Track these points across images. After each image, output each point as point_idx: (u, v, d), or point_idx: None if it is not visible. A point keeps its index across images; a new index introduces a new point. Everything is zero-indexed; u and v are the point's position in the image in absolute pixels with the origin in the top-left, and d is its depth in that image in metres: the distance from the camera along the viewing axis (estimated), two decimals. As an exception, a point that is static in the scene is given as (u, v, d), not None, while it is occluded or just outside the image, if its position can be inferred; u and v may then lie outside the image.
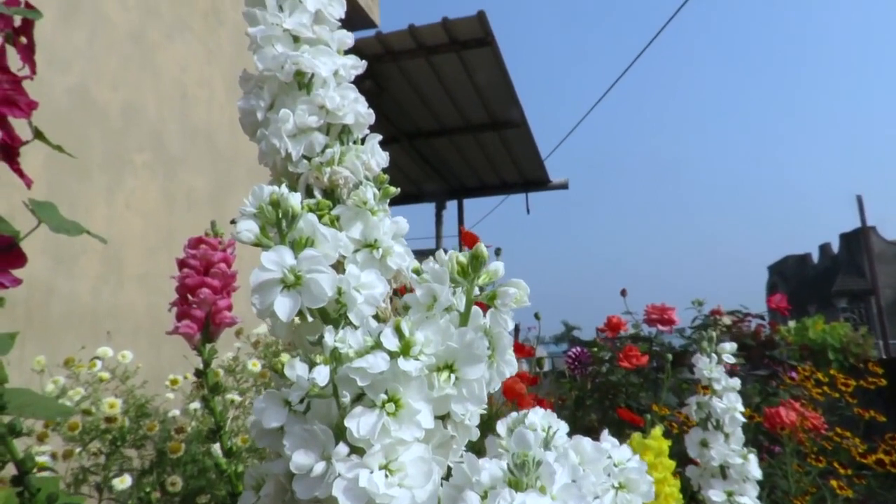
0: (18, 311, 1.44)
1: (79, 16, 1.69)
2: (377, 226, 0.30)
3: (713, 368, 0.63)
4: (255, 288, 0.26)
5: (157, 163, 1.95)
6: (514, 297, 0.28)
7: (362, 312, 0.27)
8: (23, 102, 0.77)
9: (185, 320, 0.54)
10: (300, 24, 0.35)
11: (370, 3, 3.41)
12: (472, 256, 0.27)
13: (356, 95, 0.36)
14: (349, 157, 0.34)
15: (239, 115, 0.36)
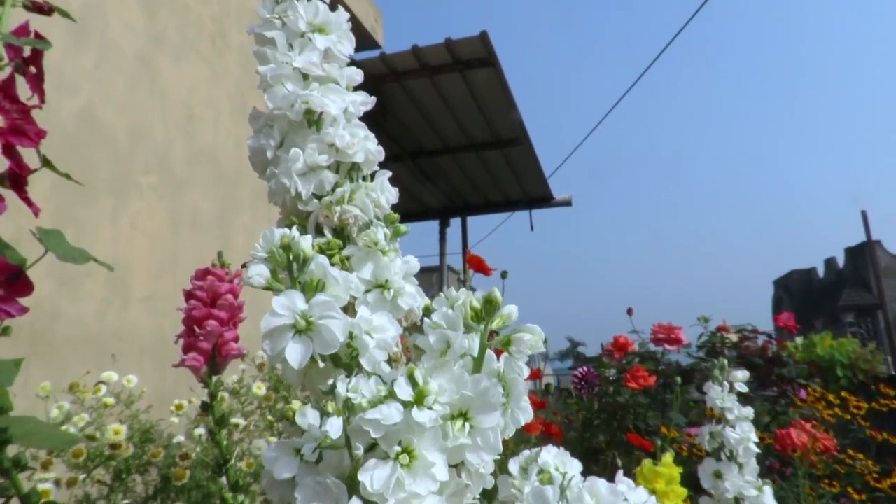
0: (23, 335, 1.44)
1: (87, 40, 1.71)
2: (388, 266, 0.30)
3: (725, 397, 0.62)
4: (266, 334, 0.25)
5: (162, 184, 1.96)
6: (529, 344, 0.27)
7: (374, 357, 0.26)
8: (31, 132, 0.77)
9: (191, 353, 0.53)
10: (310, 62, 0.35)
11: (374, 25, 3.45)
12: (485, 301, 0.27)
13: (366, 133, 0.36)
14: (359, 195, 0.33)
15: (249, 153, 0.36)
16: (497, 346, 0.28)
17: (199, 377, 0.55)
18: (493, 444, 0.25)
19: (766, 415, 2.03)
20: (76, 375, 1.32)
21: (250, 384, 1.44)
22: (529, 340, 0.27)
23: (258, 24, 0.37)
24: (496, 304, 0.27)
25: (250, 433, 1.39)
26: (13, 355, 0.92)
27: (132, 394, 1.23)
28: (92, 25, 1.73)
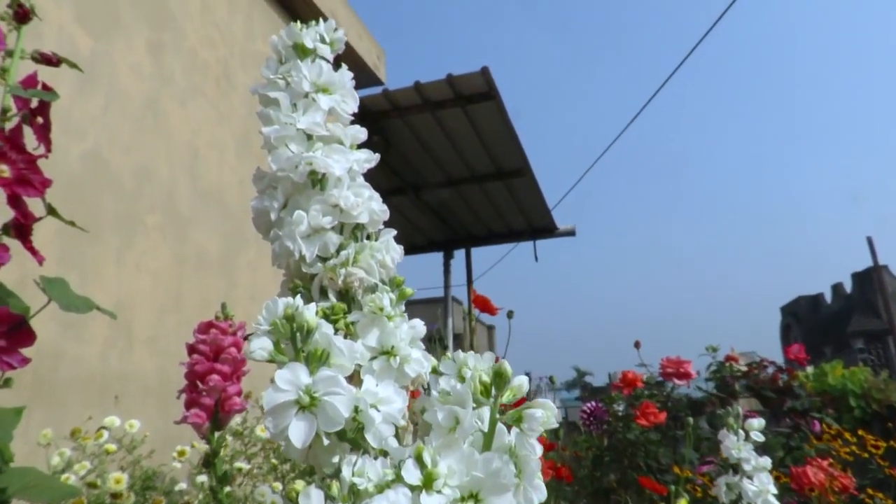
0: (26, 378, 1.43)
1: (95, 85, 1.74)
2: (394, 332, 0.30)
3: (741, 447, 0.61)
4: (269, 411, 0.25)
5: (167, 223, 1.97)
6: (541, 420, 0.26)
7: (380, 433, 0.25)
8: (37, 181, 0.78)
9: (193, 409, 0.52)
10: (314, 123, 0.35)
11: (377, 63, 3.50)
12: (495, 375, 0.26)
13: (370, 193, 0.35)
14: (364, 257, 0.33)
15: (252, 214, 0.35)
16: (508, 421, 0.27)
17: (201, 434, 0.54)
18: (506, 527, 0.24)
19: (780, 449, 1.98)
20: (78, 419, 1.31)
21: (253, 426, 1.42)
22: (542, 417, 0.26)
23: (262, 85, 0.37)
24: (506, 377, 0.26)
25: (253, 477, 1.37)
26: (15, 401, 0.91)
27: (134, 439, 1.22)
28: (100, 71, 1.76)
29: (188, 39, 2.17)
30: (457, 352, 0.31)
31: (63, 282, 0.83)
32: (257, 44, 2.62)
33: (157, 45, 2.01)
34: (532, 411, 0.26)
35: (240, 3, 2.51)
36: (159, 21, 2.03)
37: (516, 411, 0.27)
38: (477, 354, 0.30)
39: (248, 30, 2.56)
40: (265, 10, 2.70)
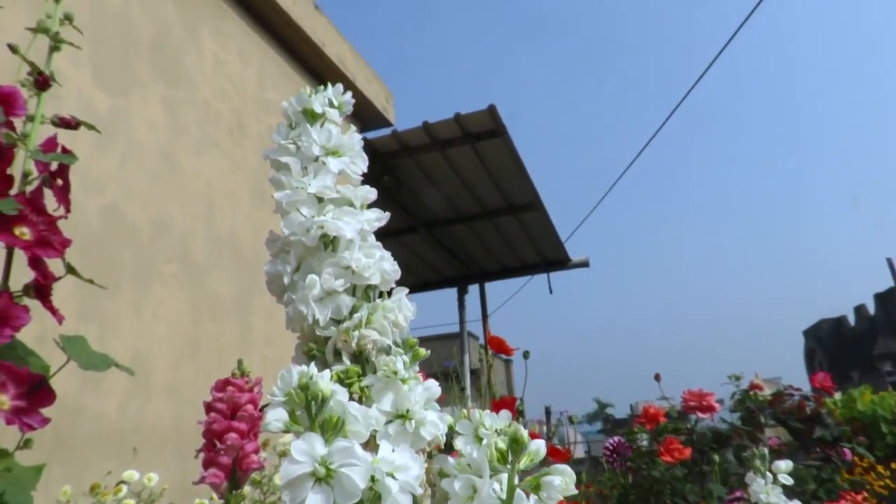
0: (46, 434, 1.43)
1: (112, 142, 1.79)
2: (408, 396, 0.30)
3: (770, 491, 0.59)
4: (286, 484, 0.25)
5: (184, 272, 1.99)
6: (560, 489, 0.26)
7: (398, 503, 0.25)
8: (57, 242, 0.79)
9: (211, 468, 0.52)
10: (324, 186, 0.35)
11: (385, 105, 3.57)
12: (511, 441, 0.26)
13: (381, 253, 0.36)
14: (377, 318, 0.33)
15: (266, 278, 0.36)
16: (526, 488, 0.27)
17: (219, 493, 0.53)
18: None
19: (812, 481, 1.92)
20: (98, 473, 1.30)
21: (272, 474, 1.41)
22: (560, 485, 0.26)
23: (273, 150, 0.38)
24: (522, 443, 0.26)
25: (273, 528, 1.34)
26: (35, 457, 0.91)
27: (153, 492, 1.21)
28: (117, 127, 1.81)
29: (201, 92, 2.23)
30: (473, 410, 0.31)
31: (82, 339, 0.84)
32: (268, 93, 2.69)
33: (172, 100, 2.07)
34: (550, 479, 0.26)
35: (251, 56, 2.58)
36: (173, 77, 2.10)
37: (534, 478, 0.27)
38: (493, 414, 0.30)
39: (259, 80, 2.63)
40: (276, 61, 2.78)
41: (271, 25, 2.72)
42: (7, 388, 0.72)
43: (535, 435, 0.94)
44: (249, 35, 2.59)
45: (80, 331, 1.03)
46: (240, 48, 2.51)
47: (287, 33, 2.79)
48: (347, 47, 3.25)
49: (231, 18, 2.48)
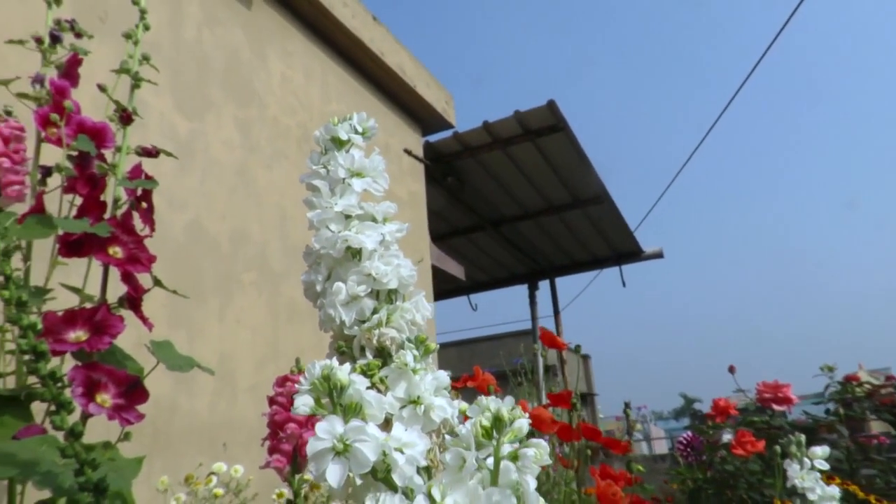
0: (146, 431, 1.59)
1: (193, 162, 1.94)
2: (418, 384, 0.34)
3: (805, 476, 0.59)
4: (311, 457, 0.30)
5: (262, 281, 2.13)
6: (533, 458, 0.30)
7: (405, 473, 0.30)
8: (144, 258, 0.90)
9: (275, 454, 0.59)
10: (349, 205, 0.41)
11: (446, 108, 3.63)
12: (494, 419, 0.30)
13: (399, 261, 0.41)
14: (395, 318, 0.38)
15: (303, 287, 0.42)
16: (509, 460, 0.30)
17: (282, 477, 0.60)
18: (508, 553, 0.28)
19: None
20: (192, 465, 1.43)
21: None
22: (533, 455, 0.30)
23: (307, 174, 0.44)
24: (503, 421, 0.30)
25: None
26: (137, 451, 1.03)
27: (239, 483, 1.32)
28: (196, 147, 1.97)
29: (270, 110, 2.37)
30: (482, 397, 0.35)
31: (169, 344, 0.94)
32: (332, 105, 2.81)
33: (244, 119, 2.22)
34: (526, 450, 0.30)
35: (314, 71, 2.71)
36: (244, 97, 2.24)
37: (514, 451, 0.31)
38: (497, 399, 0.34)
39: (323, 93, 2.76)
40: (338, 73, 2.90)
41: (332, 40, 2.84)
42: (108, 388, 0.82)
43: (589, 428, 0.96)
44: (312, 51, 2.73)
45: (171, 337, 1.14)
46: (304, 65, 2.64)
47: (347, 46, 2.90)
48: (406, 54, 3.34)
49: (295, 37, 2.62)
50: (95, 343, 0.80)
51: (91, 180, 0.89)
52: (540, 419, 0.97)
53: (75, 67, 1.09)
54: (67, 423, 0.60)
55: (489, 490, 0.29)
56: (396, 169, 3.28)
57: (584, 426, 1.02)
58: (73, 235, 0.84)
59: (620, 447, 1.10)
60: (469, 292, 5.87)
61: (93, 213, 0.88)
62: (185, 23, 2.04)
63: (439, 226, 4.62)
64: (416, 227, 3.34)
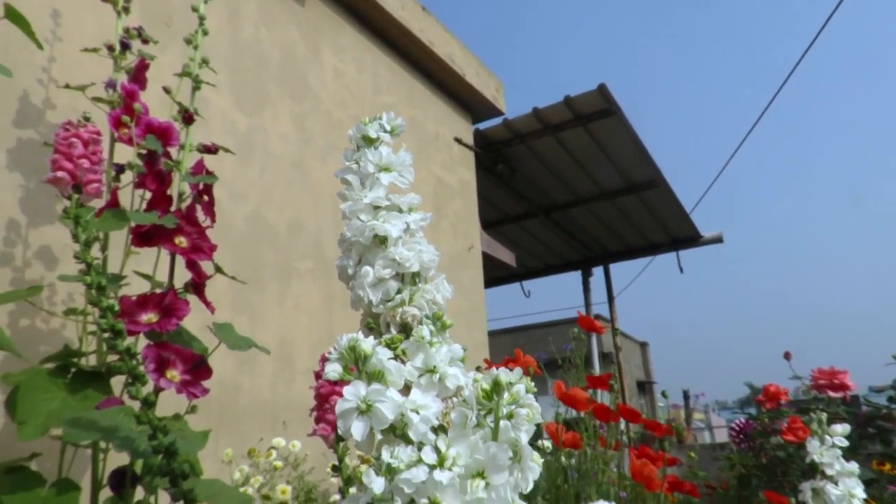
0: (213, 408, 1.71)
1: (252, 156, 2.04)
2: (434, 355, 0.39)
3: (824, 452, 0.60)
4: (339, 415, 0.35)
5: (317, 268, 2.23)
6: (525, 416, 0.34)
7: (419, 430, 0.34)
8: (206, 248, 0.98)
9: (321, 423, 0.65)
10: (377, 197, 0.45)
11: (496, 95, 3.64)
12: (493, 384, 0.34)
13: (421, 247, 0.45)
14: (417, 298, 0.43)
15: (337, 271, 0.47)
16: (506, 419, 0.34)
17: (328, 444, 0.66)
18: (503, 497, 0.32)
19: None
20: (255, 441, 1.53)
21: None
22: (525, 414, 0.34)
23: (341, 170, 0.49)
24: (501, 385, 0.34)
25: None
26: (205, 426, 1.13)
27: (297, 457, 1.41)
28: (255, 142, 2.07)
29: (324, 104, 2.46)
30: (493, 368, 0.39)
31: (230, 326, 1.02)
32: (383, 96, 2.88)
33: (299, 113, 2.31)
34: (519, 410, 0.34)
35: (366, 64, 2.78)
36: (299, 92, 2.33)
37: (510, 411, 0.34)
38: (507, 370, 0.38)
39: (374, 85, 2.82)
40: (389, 65, 2.96)
41: (382, 32, 2.90)
42: (177, 365, 0.91)
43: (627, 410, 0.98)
44: (363, 44, 2.79)
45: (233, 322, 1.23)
46: (355, 58, 2.71)
47: (397, 37, 2.96)
48: (456, 44, 3.36)
49: (346, 31, 2.69)
50: (165, 324, 0.88)
51: (159, 176, 0.98)
52: (575, 399, 1.00)
53: (143, 72, 1.18)
54: (142, 394, 0.68)
55: (488, 444, 0.33)
56: (447, 157, 3.33)
57: (623, 407, 1.04)
58: (144, 227, 0.93)
59: (661, 430, 1.12)
60: (522, 279, 5.88)
61: (160, 206, 0.96)
62: (242, 22, 2.14)
63: (491, 213, 4.65)
64: (466, 215, 3.38)
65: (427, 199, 3.08)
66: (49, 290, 1.37)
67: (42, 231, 1.39)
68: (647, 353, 11.25)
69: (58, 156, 0.92)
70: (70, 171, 0.90)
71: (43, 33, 1.42)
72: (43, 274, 1.37)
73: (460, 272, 3.22)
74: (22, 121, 1.39)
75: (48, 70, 1.46)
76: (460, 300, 3.16)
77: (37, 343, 1.29)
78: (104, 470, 1.02)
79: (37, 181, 1.38)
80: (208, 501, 0.87)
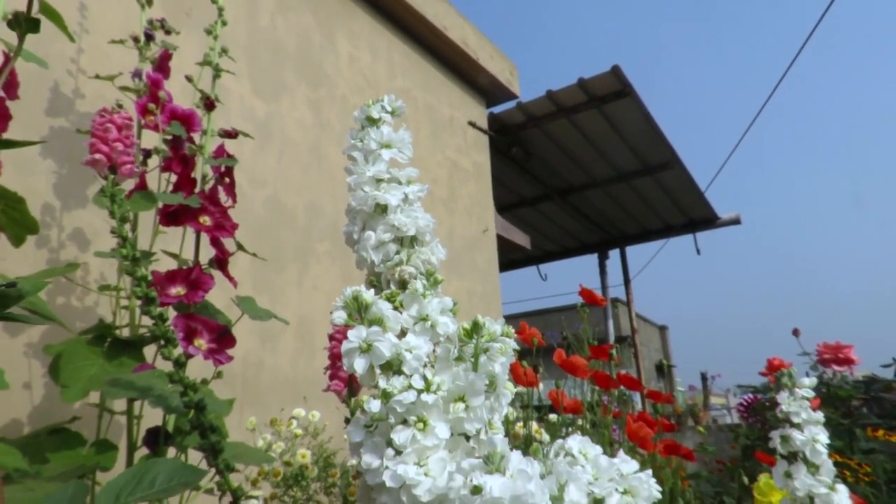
0: (237, 383, 1.79)
1: (270, 141, 2.11)
2: (426, 305, 0.44)
3: (792, 402, 0.65)
4: (344, 353, 0.41)
5: (334, 249, 2.30)
6: (497, 350, 0.40)
7: (412, 365, 0.40)
8: (229, 226, 1.05)
9: (334, 380, 0.72)
10: (379, 171, 0.51)
11: (510, 78, 3.67)
12: (473, 324, 0.40)
13: (418, 214, 0.51)
14: (413, 258, 0.48)
15: (344, 237, 0.53)
16: (483, 353, 0.40)
17: (341, 399, 0.73)
18: (480, 416, 0.38)
19: None
20: (275, 413, 1.62)
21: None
22: (498, 347, 0.40)
23: (347, 147, 0.55)
24: (479, 326, 0.40)
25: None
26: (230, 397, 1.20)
27: (316, 427, 1.49)
28: (273, 128, 2.14)
29: (339, 89, 2.51)
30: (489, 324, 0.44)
31: (251, 299, 1.10)
32: (397, 81, 2.92)
33: (316, 100, 2.37)
34: (492, 344, 0.40)
35: (380, 49, 2.83)
36: (316, 79, 2.40)
37: (486, 345, 0.40)
38: (491, 318, 0.44)
39: (389, 71, 2.87)
40: (403, 50, 3.01)
41: (395, 17, 2.94)
42: (203, 335, 0.98)
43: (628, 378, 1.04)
44: (377, 29, 2.84)
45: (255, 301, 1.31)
46: (370, 44, 2.76)
47: (411, 22, 2.99)
48: (470, 28, 3.39)
49: (360, 18, 2.74)
50: (192, 296, 0.95)
51: (183, 160, 1.05)
52: (574, 365, 1.05)
53: (167, 61, 1.25)
54: (174, 355, 0.76)
55: (468, 373, 0.39)
56: (461, 141, 3.37)
57: (623, 376, 1.09)
58: (171, 207, 1.00)
59: (662, 398, 1.17)
60: (539, 262, 5.92)
61: (185, 188, 1.03)
62: (259, 12, 2.20)
63: (506, 196, 4.68)
64: (481, 198, 3.43)
65: (442, 183, 3.13)
66: (83, 270, 1.46)
67: (75, 214, 1.47)
68: (666, 337, 11.23)
69: (95, 140, 0.99)
70: (106, 154, 0.97)
71: (71, 26, 1.49)
72: (76, 255, 1.45)
73: (475, 255, 3.28)
74: (54, 110, 1.47)
75: (76, 61, 1.54)
76: (475, 282, 3.22)
77: (73, 319, 1.38)
78: (138, 433, 1.11)
79: (69, 167, 1.46)
80: (234, 459, 0.95)
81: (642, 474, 0.40)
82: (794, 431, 0.64)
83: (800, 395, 0.65)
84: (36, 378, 1.35)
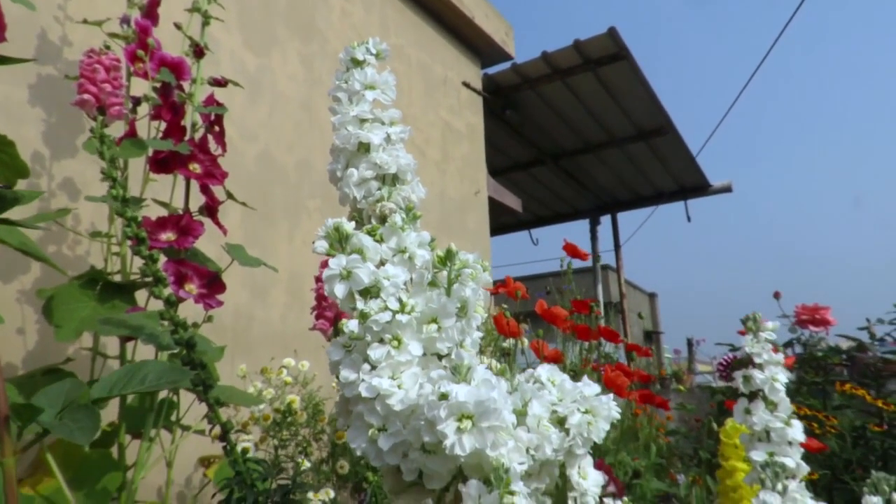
0: (228, 335, 1.83)
1: (261, 96, 2.10)
2: (404, 238, 0.46)
3: (754, 344, 0.68)
4: (325, 279, 0.43)
5: (325, 206, 2.31)
6: (469, 275, 0.42)
7: (389, 291, 0.43)
8: (218, 174, 1.06)
9: (320, 319, 0.74)
10: (362, 111, 0.53)
11: (505, 39, 3.62)
12: (446, 252, 0.42)
13: (398, 153, 0.52)
14: (394, 195, 0.50)
15: (328, 175, 0.55)
16: (455, 279, 0.43)
17: (326, 337, 0.75)
18: (451, 336, 0.40)
19: None
20: (266, 363, 1.66)
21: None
22: (469, 273, 0.42)
23: (333, 88, 0.56)
24: (453, 254, 0.42)
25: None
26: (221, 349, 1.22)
27: (306, 376, 1.53)
28: (264, 82, 2.12)
29: (331, 44, 2.49)
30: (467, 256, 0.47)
31: (241, 247, 1.12)
32: (391, 38, 2.89)
33: (307, 54, 2.35)
34: (465, 270, 0.42)
35: (373, 5, 2.79)
36: (307, 33, 2.37)
37: (458, 272, 0.43)
38: (466, 252, 0.46)
39: (382, 27, 2.83)
40: (397, 6, 2.96)
41: (390, -27, 2.88)
42: (194, 280, 1.00)
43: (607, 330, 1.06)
44: (371, -15, 2.79)
45: (244, 249, 1.33)
46: (363, -1, 2.72)
47: (405, -21, 2.94)
48: (465, -15, 3.33)
49: (354, -28, 2.69)
50: (182, 242, 0.97)
51: (173, 108, 1.05)
52: (554, 315, 1.09)
53: (155, 8, 1.24)
54: (164, 294, 0.78)
55: (441, 296, 0.41)
56: (455, 102, 3.35)
57: (603, 328, 1.13)
58: (161, 154, 1.01)
59: (642, 351, 1.21)
60: (531, 227, 5.94)
61: (175, 135, 1.04)
62: (249, -38, 2.15)
63: (499, 160, 4.68)
64: (473, 159, 3.43)
65: (434, 143, 3.13)
66: (74, 219, 1.47)
67: (65, 164, 1.47)
68: (655, 304, 11.36)
69: (83, 80, 0.99)
70: (95, 94, 0.97)
71: (58, -29, 1.47)
72: (67, 204, 1.46)
73: (466, 216, 3.30)
74: (41, 56, 1.45)
75: (64, 8, 1.52)
76: (465, 244, 3.25)
77: (65, 268, 1.40)
78: (131, 376, 1.14)
79: (58, 115, 1.46)
80: (225, 399, 0.98)
81: (603, 396, 0.43)
82: (755, 371, 0.67)
83: (763, 338, 0.68)
84: (29, 324, 1.37)
